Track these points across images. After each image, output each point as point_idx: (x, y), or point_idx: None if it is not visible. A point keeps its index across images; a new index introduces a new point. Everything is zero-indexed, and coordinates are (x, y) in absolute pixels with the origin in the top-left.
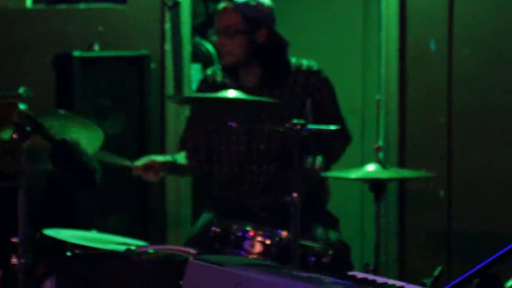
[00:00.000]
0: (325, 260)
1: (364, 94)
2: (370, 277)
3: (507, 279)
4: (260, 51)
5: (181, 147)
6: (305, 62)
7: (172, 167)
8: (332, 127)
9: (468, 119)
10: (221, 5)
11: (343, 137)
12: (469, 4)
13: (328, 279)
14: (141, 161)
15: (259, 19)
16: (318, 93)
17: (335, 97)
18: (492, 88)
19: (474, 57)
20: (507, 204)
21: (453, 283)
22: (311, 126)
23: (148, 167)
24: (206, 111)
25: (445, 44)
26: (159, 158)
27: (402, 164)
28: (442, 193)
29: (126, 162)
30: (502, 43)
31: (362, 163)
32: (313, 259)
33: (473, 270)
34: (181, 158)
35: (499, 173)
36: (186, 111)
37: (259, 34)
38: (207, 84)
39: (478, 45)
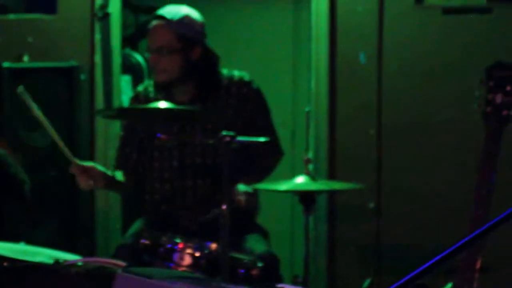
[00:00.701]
0: (254, 272)
1: (294, 107)
2: None
3: None
4: (194, 68)
5: (117, 166)
6: (236, 73)
7: (111, 181)
8: (262, 139)
9: (398, 131)
10: (154, 22)
11: (274, 152)
12: (399, 17)
13: None
14: (83, 162)
15: (193, 37)
16: (250, 104)
17: (267, 109)
18: (422, 101)
19: (404, 70)
20: (435, 217)
21: None
22: (241, 138)
23: (87, 170)
24: (138, 127)
25: (375, 57)
26: (102, 168)
27: (332, 176)
28: (371, 205)
29: (71, 156)
30: (430, 56)
31: (293, 175)
32: (242, 271)
33: (402, 281)
34: (119, 175)
35: (428, 186)
36: (117, 126)
37: (193, 52)
38: (139, 101)
39: (407, 58)
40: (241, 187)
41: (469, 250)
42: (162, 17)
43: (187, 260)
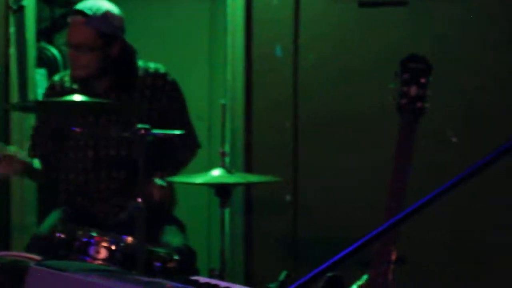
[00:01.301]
0: (170, 265)
1: (211, 100)
2: (213, 281)
3: (351, 283)
4: (113, 63)
5: (29, 154)
6: (152, 65)
7: (30, 168)
8: (178, 132)
9: (314, 124)
10: (74, 17)
11: (191, 145)
12: (315, 10)
13: (170, 283)
14: (3, 149)
15: (113, 34)
16: (165, 96)
17: (184, 100)
18: (338, 94)
19: (320, 63)
20: (351, 209)
21: (294, 285)
22: (156, 131)
23: (6, 158)
24: (52, 117)
25: (291, 49)
26: (22, 154)
27: (248, 169)
28: (288, 198)
29: None
30: (347, 49)
31: (209, 168)
32: (158, 264)
33: (314, 272)
34: (37, 163)
35: (344, 179)
36: (32, 120)
37: (113, 48)
38: (55, 91)
39: (323, 51)
40: (156, 180)
41: (383, 241)
42: (82, 13)
43: (103, 253)
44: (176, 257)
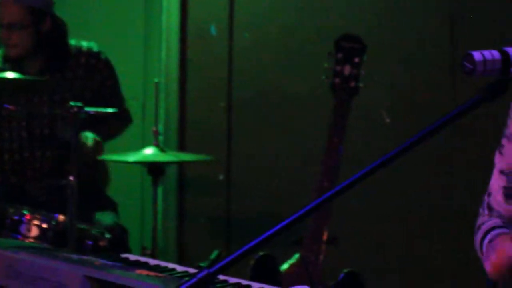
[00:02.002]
0: (102, 243)
1: (145, 78)
2: (143, 259)
3: (282, 262)
4: (45, 39)
5: None
6: (85, 44)
7: None
8: (110, 110)
9: (248, 103)
10: None
11: (123, 118)
12: None
13: (99, 261)
14: None
15: (43, 9)
16: (99, 75)
17: (117, 79)
18: (273, 74)
19: (255, 43)
20: (284, 188)
21: (222, 262)
22: (89, 109)
23: None
24: None
25: (226, 28)
26: None
27: (182, 148)
28: (221, 177)
29: None
30: (282, 29)
31: (142, 146)
32: (90, 242)
33: (244, 248)
34: None
35: (278, 158)
36: None
37: (44, 24)
38: None
39: (258, 30)
40: (89, 134)
41: (315, 221)
42: None
43: (34, 231)
44: (107, 236)
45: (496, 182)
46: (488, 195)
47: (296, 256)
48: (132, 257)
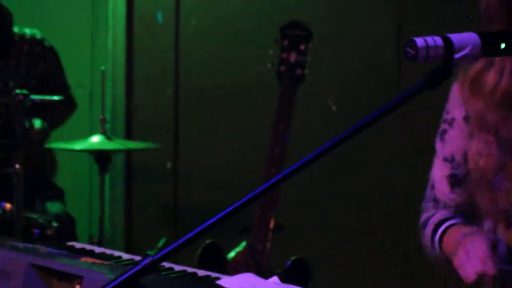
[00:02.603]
0: (49, 232)
1: (92, 67)
2: (89, 247)
3: (229, 251)
4: None
5: None
6: (28, 31)
7: None
8: (56, 98)
9: (195, 91)
10: None
11: (69, 105)
12: None
13: (45, 249)
14: None
15: None
16: (43, 62)
17: (61, 66)
18: (219, 61)
19: (202, 31)
20: (232, 176)
21: (164, 251)
22: (34, 97)
23: None
24: None
25: (172, 15)
26: None
27: (129, 136)
28: (169, 165)
29: None
30: (228, 17)
31: (90, 135)
32: (37, 231)
33: (188, 235)
34: None
35: (224, 146)
36: None
37: None
38: None
39: (205, 18)
40: (36, 121)
41: (261, 210)
42: None
43: None
44: (54, 224)
45: (440, 172)
46: (431, 187)
47: (243, 244)
48: (78, 245)
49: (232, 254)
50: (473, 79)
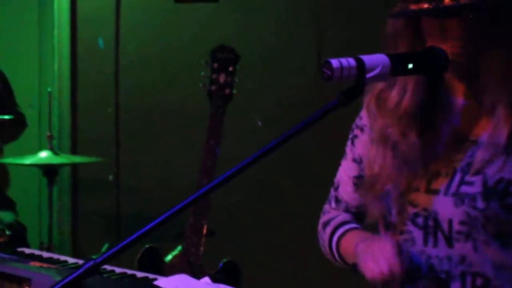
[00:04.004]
0: (2, 239)
1: (40, 89)
2: (38, 252)
3: (167, 254)
4: None
5: None
6: None
7: None
8: (7, 117)
9: (134, 110)
10: None
11: (19, 123)
12: (134, 4)
13: None
14: None
15: None
16: None
17: (10, 88)
18: (155, 82)
19: (139, 54)
20: (169, 186)
21: (105, 254)
22: None
23: None
24: None
25: (113, 42)
26: None
27: (74, 151)
28: (111, 177)
29: None
30: (164, 41)
31: (39, 150)
32: None
33: (127, 240)
34: None
35: (162, 159)
36: None
37: None
38: None
39: (142, 43)
40: None
41: (195, 217)
42: None
43: None
44: (8, 232)
45: (346, 173)
46: (335, 188)
47: (179, 248)
48: (27, 250)
49: (169, 257)
50: (378, 95)
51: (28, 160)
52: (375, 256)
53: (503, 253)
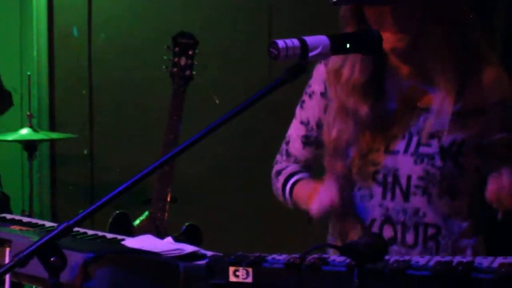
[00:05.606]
0: None
1: (21, 72)
2: (18, 217)
3: (135, 219)
4: None
5: None
6: None
7: None
8: None
9: (106, 90)
10: None
11: (3, 100)
12: None
13: None
14: None
15: None
16: None
17: None
18: (124, 65)
19: (110, 41)
20: (137, 159)
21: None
22: None
23: None
24: None
25: (86, 30)
26: None
27: (52, 128)
28: (85, 151)
29: None
30: (131, 28)
31: (20, 128)
32: None
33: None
34: None
35: (131, 134)
36: None
37: None
38: None
39: (112, 30)
40: None
41: (160, 184)
42: None
43: None
44: None
45: (295, 132)
46: (286, 143)
47: (146, 213)
48: (8, 216)
49: (137, 222)
50: (336, 70)
51: (10, 137)
52: (319, 194)
53: (451, 204)
